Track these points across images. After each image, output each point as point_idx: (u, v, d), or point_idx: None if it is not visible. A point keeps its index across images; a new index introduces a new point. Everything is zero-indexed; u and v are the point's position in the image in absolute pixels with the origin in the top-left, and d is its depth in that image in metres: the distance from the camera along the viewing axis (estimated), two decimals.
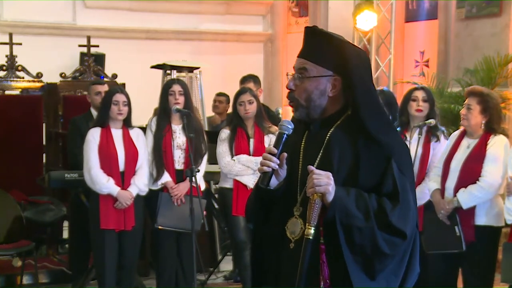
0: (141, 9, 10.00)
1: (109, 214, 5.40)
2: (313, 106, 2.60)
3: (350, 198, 2.46)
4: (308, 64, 2.60)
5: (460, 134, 4.99)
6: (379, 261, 2.45)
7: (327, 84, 2.59)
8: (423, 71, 9.19)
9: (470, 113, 4.82)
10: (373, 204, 2.46)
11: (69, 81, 8.04)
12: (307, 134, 2.67)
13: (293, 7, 10.86)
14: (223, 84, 9.12)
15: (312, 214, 2.43)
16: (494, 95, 5.01)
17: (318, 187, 2.42)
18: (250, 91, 5.95)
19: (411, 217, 2.51)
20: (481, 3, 8.20)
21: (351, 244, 2.44)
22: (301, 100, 2.60)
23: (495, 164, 4.79)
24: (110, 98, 5.46)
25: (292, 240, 2.56)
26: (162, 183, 5.62)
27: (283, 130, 2.58)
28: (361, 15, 8.87)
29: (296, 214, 2.57)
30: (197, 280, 5.83)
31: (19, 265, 6.48)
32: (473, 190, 4.75)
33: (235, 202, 5.79)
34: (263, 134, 5.85)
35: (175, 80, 5.92)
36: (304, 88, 2.60)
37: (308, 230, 2.43)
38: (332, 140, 2.57)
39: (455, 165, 4.85)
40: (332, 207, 2.44)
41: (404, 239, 2.46)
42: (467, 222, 4.78)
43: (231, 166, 5.76)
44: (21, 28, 9.07)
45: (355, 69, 2.57)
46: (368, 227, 2.43)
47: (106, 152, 5.41)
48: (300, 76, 2.60)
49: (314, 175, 2.44)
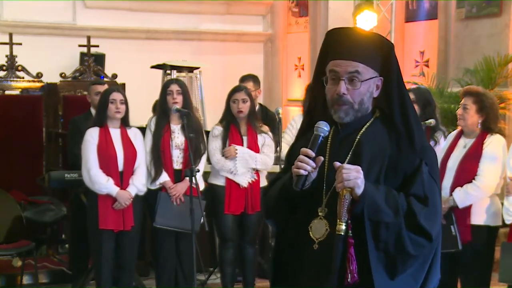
0: (141, 9, 9.99)
1: (107, 214, 5.40)
2: (362, 109, 2.56)
3: (380, 193, 2.43)
4: (360, 67, 2.52)
5: (457, 134, 5.00)
6: (402, 261, 2.43)
7: (374, 86, 2.56)
8: (423, 71, 9.18)
9: (467, 112, 4.83)
10: (402, 202, 2.44)
11: (69, 81, 8.05)
12: (332, 134, 2.61)
13: (293, 7, 10.85)
14: (223, 84, 9.12)
15: (343, 210, 2.40)
16: (490, 94, 5.02)
17: (347, 182, 2.39)
18: (245, 90, 5.95)
19: (438, 221, 2.50)
20: (481, 3, 8.19)
21: (376, 239, 2.41)
22: (355, 104, 2.54)
23: (492, 163, 4.79)
24: (107, 97, 5.48)
25: (315, 241, 2.52)
26: (160, 183, 5.63)
27: (319, 132, 2.51)
28: (361, 15, 8.85)
29: (321, 215, 2.53)
30: (197, 280, 5.83)
31: (19, 265, 6.49)
32: (468, 189, 4.76)
33: (228, 201, 5.80)
34: (256, 134, 5.86)
35: (173, 80, 5.93)
36: (358, 91, 2.52)
37: (340, 226, 2.39)
38: (363, 142, 2.54)
39: (451, 164, 4.86)
40: (362, 201, 2.40)
41: (430, 241, 2.44)
42: (463, 221, 4.78)
43: (223, 162, 5.77)
44: (21, 28, 9.06)
45: (394, 67, 2.54)
46: (396, 223, 2.40)
47: (105, 152, 5.41)
48: (354, 80, 2.52)
49: (343, 170, 2.40)
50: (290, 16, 10.93)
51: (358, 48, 2.53)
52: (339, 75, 2.53)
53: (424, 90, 5.54)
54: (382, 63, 2.55)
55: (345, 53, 2.53)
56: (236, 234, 5.94)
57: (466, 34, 8.44)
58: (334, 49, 2.57)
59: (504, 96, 7.71)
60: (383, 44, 2.58)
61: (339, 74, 2.53)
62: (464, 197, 4.75)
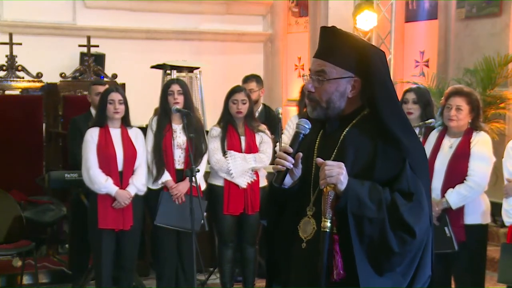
0: (141, 9, 9.99)
1: (107, 213, 5.41)
2: (332, 107, 2.58)
3: (363, 188, 2.43)
4: (326, 66, 2.56)
5: (440, 134, 4.95)
6: (387, 257, 2.42)
7: (347, 86, 2.57)
8: (423, 71, 9.18)
9: (460, 113, 4.80)
10: (387, 197, 2.44)
11: (69, 81, 8.05)
12: (322, 133, 2.65)
13: (293, 7, 10.85)
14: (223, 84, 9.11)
15: (326, 207, 2.41)
16: (476, 93, 5.01)
17: (329, 178, 2.41)
18: (245, 91, 5.97)
19: (423, 218, 2.47)
20: (481, 3, 8.19)
21: (360, 234, 2.41)
22: (322, 102, 2.58)
23: (482, 162, 4.78)
24: (105, 97, 5.49)
25: (304, 240, 2.55)
26: (162, 182, 5.64)
27: (300, 129, 2.57)
28: (361, 15, 8.86)
29: (309, 214, 2.55)
30: (197, 280, 5.83)
31: (19, 265, 6.48)
32: (461, 190, 4.74)
33: (226, 201, 5.81)
34: (253, 133, 5.88)
35: (174, 80, 5.93)
36: (324, 90, 2.57)
37: (324, 223, 2.41)
38: (347, 140, 2.56)
39: (439, 165, 4.82)
40: (344, 196, 2.41)
41: (413, 238, 2.42)
42: (457, 222, 4.76)
43: (222, 162, 5.78)
44: (21, 28, 9.06)
45: (376, 70, 2.54)
46: (379, 218, 2.40)
47: (104, 151, 5.42)
48: (319, 78, 2.57)
49: (326, 166, 2.43)
50: (290, 16, 10.93)
51: (329, 48, 2.59)
52: (309, 72, 2.62)
53: (424, 90, 5.54)
54: (360, 65, 2.55)
55: (318, 52, 2.62)
56: (235, 234, 5.95)
57: (466, 34, 8.44)
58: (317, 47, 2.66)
59: (504, 96, 7.71)
60: (364, 47, 2.59)
61: (310, 72, 2.62)
62: (458, 198, 4.73)
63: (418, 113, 5.31)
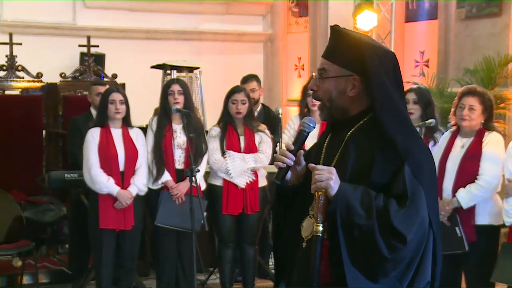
0: (141, 9, 9.99)
1: (108, 213, 5.41)
2: (334, 107, 2.60)
3: (355, 194, 2.42)
4: (327, 64, 2.60)
5: (453, 134, 4.95)
6: (379, 263, 2.39)
7: (346, 84, 2.57)
8: (423, 71, 9.18)
9: (473, 113, 4.79)
10: (379, 203, 2.41)
11: (69, 81, 8.05)
12: (330, 135, 2.67)
13: (293, 7, 10.85)
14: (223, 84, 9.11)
15: (317, 211, 2.43)
16: (489, 93, 5.01)
17: (319, 183, 2.42)
18: (245, 91, 5.97)
19: (418, 223, 2.42)
20: (481, 3, 8.19)
21: (350, 240, 2.40)
22: (324, 100, 2.62)
23: (493, 162, 4.78)
24: (106, 97, 5.49)
25: (304, 240, 2.55)
26: (162, 182, 5.64)
27: (304, 127, 2.59)
28: (361, 15, 8.85)
29: (310, 214, 2.55)
30: (197, 280, 5.83)
31: (19, 265, 6.48)
32: (472, 189, 4.74)
33: (225, 201, 5.81)
34: (253, 133, 5.88)
35: (174, 80, 5.93)
36: (324, 88, 2.61)
37: (317, 227, 2.42)
38: (350, 141, 2.56)
39: (451, 165, 4.83)
40: (334, 201, 2.42)
41: (404, 244, 2.38)
42: (468, 222, 4.76)
43: (221, 162, 5.78)
44: (21, 28, 9.06)
45: (374, 69, 2.53)
46: (369, 225, 2.38)
47: (106, 151, 5.42)
48: (319, 77, 2.61)
49: (316, 171, 2.44)
50: (290, 16, 10.92)
51: (331, 47, 2.63)
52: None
53: (425, 90, 5.54)
54: (358, 64, 2.54)
55: (324, 51, 2.66)
56: (234, 234, 5.95)
57: (466, 34, 8.44)
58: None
59: (504, 96, 7.71)
60: (367, 46, 2.57)
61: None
62: (468, 198, 4.73)
63: (418, 113, 5.31)
